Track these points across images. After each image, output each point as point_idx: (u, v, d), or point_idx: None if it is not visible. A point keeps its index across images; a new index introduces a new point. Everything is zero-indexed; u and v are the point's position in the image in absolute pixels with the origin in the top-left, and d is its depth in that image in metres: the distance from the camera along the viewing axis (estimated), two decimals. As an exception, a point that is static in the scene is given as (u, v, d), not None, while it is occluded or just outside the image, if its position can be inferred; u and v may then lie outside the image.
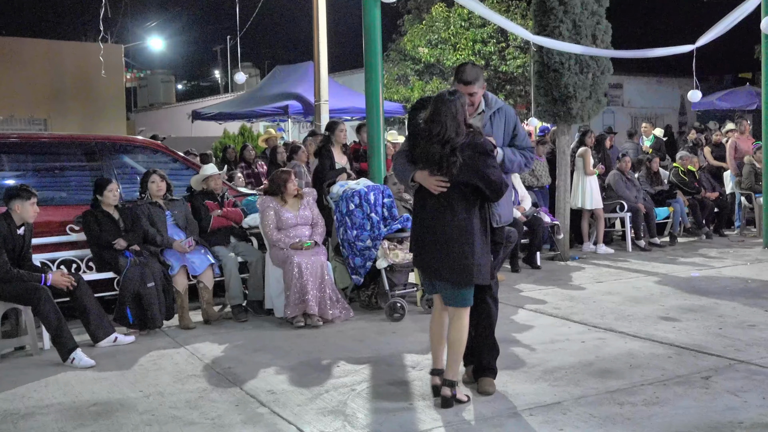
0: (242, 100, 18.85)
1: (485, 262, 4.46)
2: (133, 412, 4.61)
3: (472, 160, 4.34)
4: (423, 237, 4.55)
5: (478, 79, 4.71)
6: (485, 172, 4.34)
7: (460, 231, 4.39)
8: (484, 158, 4.38)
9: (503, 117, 4.82)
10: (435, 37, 22.46)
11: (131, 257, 6.62)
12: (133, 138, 9.78)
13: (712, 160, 13.44)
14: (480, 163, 4.35)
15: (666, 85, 30.75)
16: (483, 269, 4.44)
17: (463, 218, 4.39)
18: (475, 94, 4.70)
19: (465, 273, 4.39)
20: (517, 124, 4.88)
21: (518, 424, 4.22)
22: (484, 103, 4.83)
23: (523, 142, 4.87)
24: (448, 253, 4.41)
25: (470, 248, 4.38)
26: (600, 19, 9.90)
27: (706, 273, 8.78)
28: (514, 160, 4.76)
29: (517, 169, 4.88)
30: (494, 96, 4.94)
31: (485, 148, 4.40)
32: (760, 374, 4.93)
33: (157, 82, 41.22)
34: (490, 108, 4.83)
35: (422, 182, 4.45)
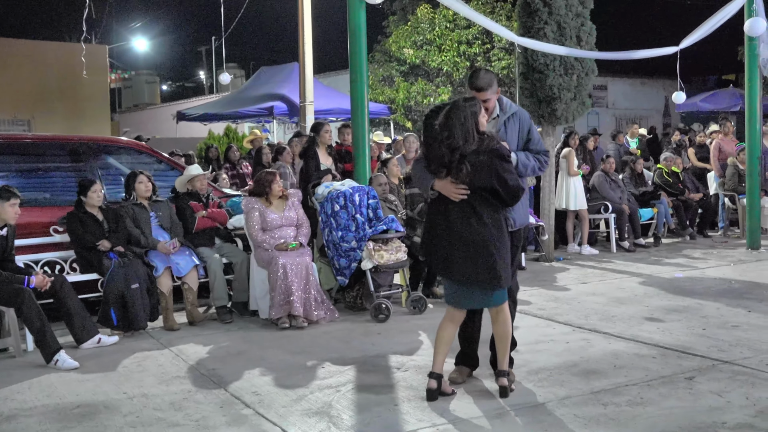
0: (227, 101, 18.78)
1: (509, 266, 4.58)
2: (117, 414, 4.58)
3: (489, 165, 4.39)
4: (450, 245, 4.52)
5: (491, 85, 4.73)
6: (503, 177, 4.39)
7: (488, 236, 4.45)
8: (502, 163, 4.42)
9: (517, 121, 4.85)
10: (420, 39, 22.46)
11: (115, 258, 6.58)
12: (117, 139, 9.72)
13: (696, 161, 13.53)
14: (498, 168, 4.39)
15: (650, 87, 30.92)
16: (509, 273, 4.56)
17: (490, 223, 4.46)
18: (488, 100, 4.72)
19: (496, 277, 4.45)
20: (531, 128, 4.89)
21: (504, 424, 4.22)
22: (498, 107, 4.85)
23: (537, 145, 4.88)
24: (478, 259, 4.44)
25: (497, 252, 4.45)
26: (584, 21, 9.95)
27: (690, 274, 8.83)
28: (527, 164, 4.79)
29: (530, 173, 4.88)
30: (509, 101, 4.95)
31: (502, 152, 4.44)
32: (744, 374, 4.96)
33: (141, 82, 41.07)
34: (505, 113, 4.85)
35: (442, 190, 4.49)
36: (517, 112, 4.87)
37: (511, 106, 4.89)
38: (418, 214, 7.65)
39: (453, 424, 4.23)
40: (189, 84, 48.77)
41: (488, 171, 4.38)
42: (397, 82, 22.74)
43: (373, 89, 22.30)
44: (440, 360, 4.66)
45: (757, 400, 4.46)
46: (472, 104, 4.48)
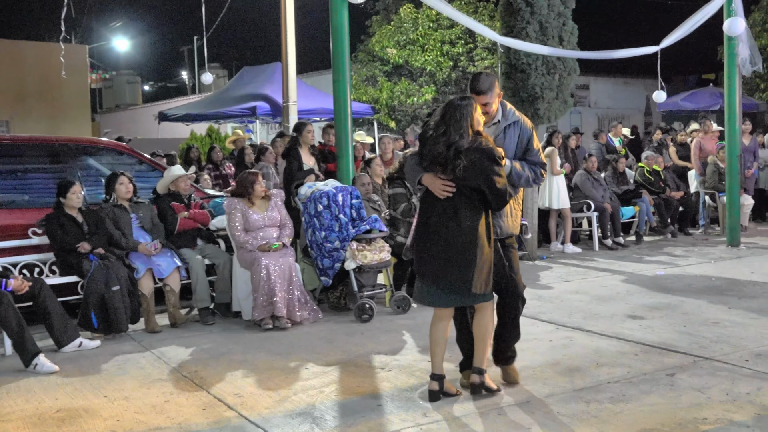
0: (210, 101, 18.70)
1: (488, 272, 4.46)
2: (98, 418, 4.54)
3: (479, 165, 4.35)
4: (426, 244, 4.52)
5: (492, 89, 4.68)
6: (492, 178, 4.35)
7: (464, 240, 4.38)
8: (491, 164, 4.37)
9: (518, 130, 4.79)
10: (403, 38, 22.47)
11: (95, 261, 6.53)
12: (97, 140, 9.64)
13: (677, 159, 13.61)
14: (487, 169, 4.35)
15: (632, 86, 31.13)
16: (484, 280, 4.43)
17: (467, 227, 4.39)
18: (489, 104, 4.68)
19: (465, 284, 4.39)
20: (531, 139, 4.82)
21: (486, 423, 4.23)
22: (501, 113, 4.80)
23: (534, 157, 4.81)
24: (450, 262, 4.40)
25: (472, 258, 4.37)
26: (566, 21, 10.00)
27: (672, 271, 8.88)
28: (521, 174, 4.71)
29: (524, 184, 4.79)
30: (512, 109, 4.89)
31: (492, 154, 4.39)
32: (724, 371, 5.00)
33: (122, 83, 40.80)
34: (506, 120, 4.79)
35: (429, 185, 4.47)
36: (518, 121, 4.81)
37: (513, 115, 4.82)
38: (402, 214, 7.65)
39: (436, 424, 4.23)
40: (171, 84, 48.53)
41: (478, 170, 4.35)
42: (380, 81, 22.74)
43: (357, 89, 22.27)
44: (438, 361, 4.61)
45: (737, 395, 4.49)
46: (468, 102, 4.46)
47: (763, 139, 14.61)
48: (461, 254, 4.39)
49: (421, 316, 6.97)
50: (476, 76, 4.77)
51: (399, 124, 22.45)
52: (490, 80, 4.73)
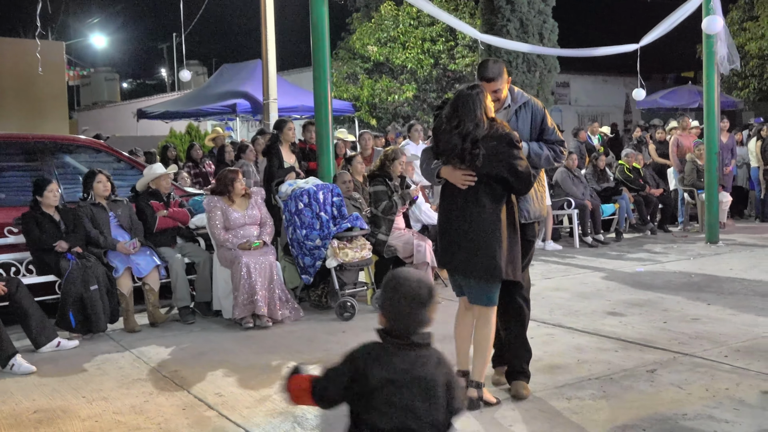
0: (189, 98, 18.58)
1: (513, 259, 4.39)
2: (76, 419, 4.49)
3: (498, 151, 4.27)
4: (450, 234, 4.45)
5: (501, 75, 4.61)
6: (512, 163, 4.26)
7: (487, 227, 4.31)
8: (510, 149, 4.28)
9: (530, 111, 4.72)
10: (384, 36, 22.46)
11: (73, 260, 6.45)
12: (75, 137, 9.54)
13: (656, 157, 13.70)
14: (506, 154, 4.27)
15: (612, 84, 31.30)
16: (511, 266, 4.37)
17: (491, 214, 4.32)
18: (499, 90, 4.62)
19: (491, 270, 4.30)
20: (544, 118, 4.74)
21: (467, 421, 4.22)
22: (510, 98, 4.73)
23: (551, 135, 4.74)
24: (475, 250, 4.32)
25: (497, 245, 4.30)
26: (546, 18, 10.06)
27: (651, 268, 8.94)
28: (540, 153, 4.65)
29: (545, 164, 4.71)
30: (520, 91, 4.84)
31: (511, 138, 4.30)
32: (704, 366, 5.03)
33: (100, 80, 40.40)
34: (516, 103, 4.72)
35: (448, 177, 4.40)
36: (528, 102, 4.73)
37: (522, 96, 4.77)
38: (383, 212, 7.63)
39: (418, 422, 4.21)
40: (150, 81, 48.16)
41: (497, 157, 4.26)
42: (361, 79, 22.71)
43: (338, 86, 22.23)
44: (462, 357, 4.53)
45: (717, 391, 4.52)
46: (478, 90, 4.35)
47: (741, 136, 14.75)
48: (487, 243, 4.30)
49: (402, 314, 6.96)
50: (484, 63, 4.69)
51: (380, 122, 22.44)
52: (498, 66, 4.67)
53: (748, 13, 22.81)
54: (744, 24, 22.71)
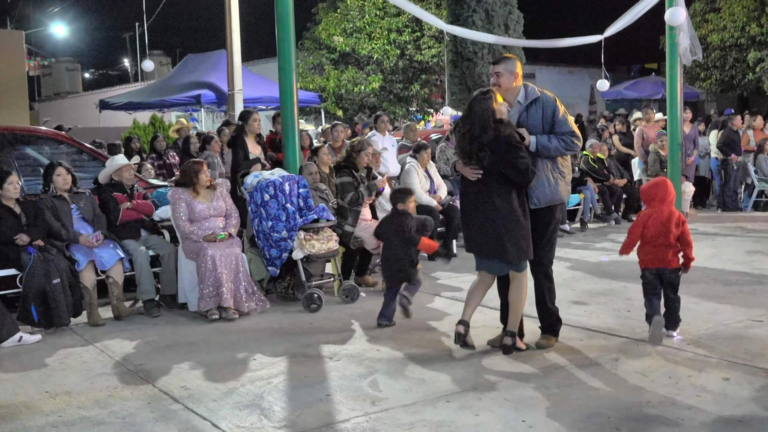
0: (153, 89, 18.35)
1: (523, 241, 5.03)
2: (39, 414, 4.42)
3: (501, 151, 4.91)
4: (468, 219, 5.22)
5: (503, 63, 5.25)
6: (513, 162, 4.91)
7: (497, 214, 5.00)
8: (511, 149, 4.91)
9: (540, 107, 5.22)
10: (350, 26, 22.40)
11: (35, 253, 6.34)
12: (35, 128, 9.37)
13: (620, 147, 13.85)
14: (507, 154, 4.91)
15: (577, 75, 31.58)
16: (520, 248, 5.03)
17: (500, 202, 5.00)
18: (499, 74, 5.22)
19: (502, 251, 5.02)
20: (555, 111, 5.21)
21: (435, 410, 4.24)
22: (523, 94, 5.27)
23: (561, 127, 5.18)
24: (487, 234, 5.05)
25: (506, 230, 4.99)
26: (512, 9, 10.11)
27: (615, 258, 9.01)
28: (549, 146, 5.14)
29: (556, 153, 5.17)
30: (534, 88, 5.31)
31: (512, 140, 4.94)
32: (667, 354, 5.11)
33: (62, 70, 39.68)
34: (528, 99, 5.24)
35: (462, 171, 5.14)
36: (539, 98, 5.23)
37: (534, 93, 5.25)
38: (349, 203, 7.61)
39: (385, 412, 4.23)
40: (113, 72, 47.38)
41: (499, 157, 4.92)
42: (327, 70, 22.63)
43: (304, 77, 22.13)
44: (468, 311, 5.28)
45: (679, 378, 4.60)
46: (487, 96, 5.00)
47: (704, 127, 14.98)
48: (496, 228, 5.00)
49: (369, 305, 6.96)
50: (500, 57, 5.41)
51: (346, 113, 22.38)
52: (507, 58, 5.33)
53: (711, 4, 23.15)
54: (706, 16, 23.04)
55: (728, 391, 4.37)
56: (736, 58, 22.46)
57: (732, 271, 7.87)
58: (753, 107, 22.71)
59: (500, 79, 5.24)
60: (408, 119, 21.78)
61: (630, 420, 4.00)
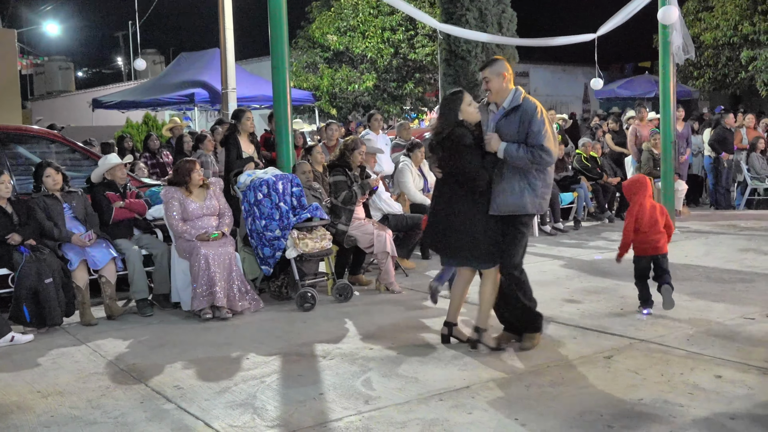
0: (146, 87, 18.30)
1: (481, 245, 5.03)
2: (31, 414, 4.41)
3: (452, 152, 4.95)
4: (431, 217, 5.30)
5: (490, 66, 5.09)
6: (459, 164, 4.94)
7: (454, 216, 5.03)
8: (461, 150, 4.92)
9: (518, 115, 5.04)
10: (344, 25, 22.38)
11: (27, 252, 6.32)
12: (28, 127, 9.33)
13: (613, 145, 13.88)
14: (455, 156, 4.94)
15: (570, 74, 31.64)
16: (478, 252, 5.05)
17: (456, 205, 5.02)
18: (486, 79, 5.08)
19: (458, 252, 5.09)
20: (532, 122, 4.98)
21: (428, 409, 4.24)
22: (510, 98, 5.11)
23: (533, 139, 4.96)
24: (446, 234, 5.10)
25: (462, 231, 5.01)
26: (505, 8, 10.11)
27: (609, 256, 9.04)
28: (515, 156, 4.96)
29: (523, 165, 4.99)
30: (521, 93, 5.14)
31: (462, 141, 4.91)
32: (659, 352, 5.12)
33: (54, 69, 39.57)
34: (510, 105, 5.09)
35: (431, 170, 5.44)
36: (520, 106, 5.05)
37: (517, 100, 5.08)
38: (342, 202, 7.61)
39: (378, 411, 4.23)
40: (106, 70, 47.28)
41: (450, 158, 4.98)
42: (321, 68, 22.60)
43: (297, 76, 22.11)
44: (451, 311, 5.36)
45: (672, 376, 4.61)
46: (455, 96, 5.03)
47: (697, 125, 15.02)
48: (452, 228, 5.04)
49: (362, 304, 6.96)
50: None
51: (340, 111, 22.37)
52: (493, 60, 5.21)
53: (703, 3, 23.21)
54: (699, 14, 23.10)
55: (720, 388, 4.38)
56: (728, 56, 22.53)
57: (725, 269, 7.89)
58: (745, 106, 22.80)
59: (490, 84, 5.11)
60: (402, 118, 21.79)
61: (622, 417, 4.01)
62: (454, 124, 4.99)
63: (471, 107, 5.06)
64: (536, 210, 5.18)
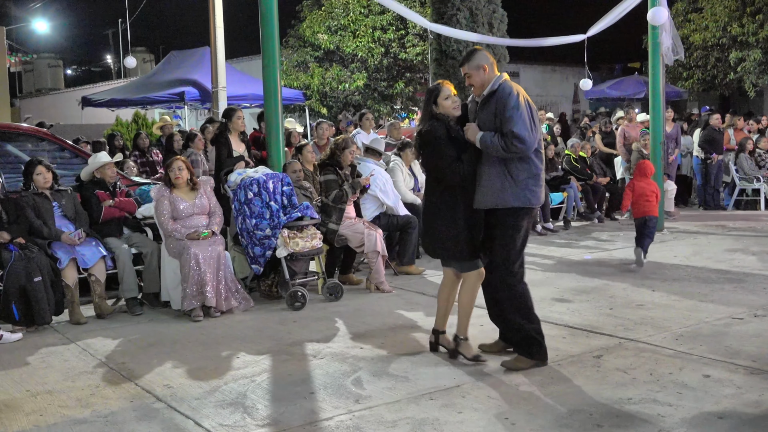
0: (136, 86, 18.22)
1: (460, 244, 4.88)
2: (20, 413, 4.39)
3: (426, 147, 4.93)
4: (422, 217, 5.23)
5: (469, 61, 4.90)
6: (426, 160, 5.01)
7: (430, 212, 5.01)
8: (433, 144, 4.86)
9: (493, 102, 4.78)
10: (334, 24, 22.33)
11: (15, 251, 6.29)
12: (16, 125, 9.28)
13: (602, 146, 13.92)
14: (429, 150, 4.90)
15: (560, 74, 31.71)
16: (446, 248, 4.95)
17: (431, 200, 5.00)
18: (468, 75, 4.91)
19: (434, 248, 5.06)
20: (505, 109, 4.69)
21: (419, 408, 4.25)
22: (488, 87, 4.85)
23: (504, 126, 4.67)
24: (426, 230, 5.11)
25: (436, 228, 4.95)
26: (496, 8, 10.12)
27: (598, 255, 9.10)
28: (490, 145, 4.71)
29: (496, 154, 4.72)
30: (498, 80, 4.84)
31: (434, 134, 4.86)
32: (648, 351, 5.15)
33: (43, 66, 39.37)
34: (487, 92, 4.84)
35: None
36: (495, 92, 4.79)
37: (493, 86, 4.81)
38: (333, 201, 7.60)
39: (369, 410, 4.23)
40: (95, 68, 47.06)
41: (423, 154, 5.02)
42: (311, 67, 22.56)
43: (288, 75, 22.05)
44: (438, 317, 5.22)
45: (661, 375, 4.63)
46: (432, 88, 4.99)
47: (686, 126, 15.08)
48: (429, 224, 5.02)
49: (353, 303, 6.97)
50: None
51: (330, 111, 22.34)
52: (471, 53, 4.98)
53: (693, 4, 23.31)
54: (688, 15, 23.20)
55: (709, 388, 4.40)
56: (717, 57, 22.64)
57: (713, 269, 7.94)
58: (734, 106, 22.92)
59: (471, 80, 4.89)
60: (392, 117, 21.78)
61: (611, 416, 4.03)
62: (429, 118, 4.92)
63: (448, 101, 4.88)
64: (522, 203, 4.80)
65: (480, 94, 4.91)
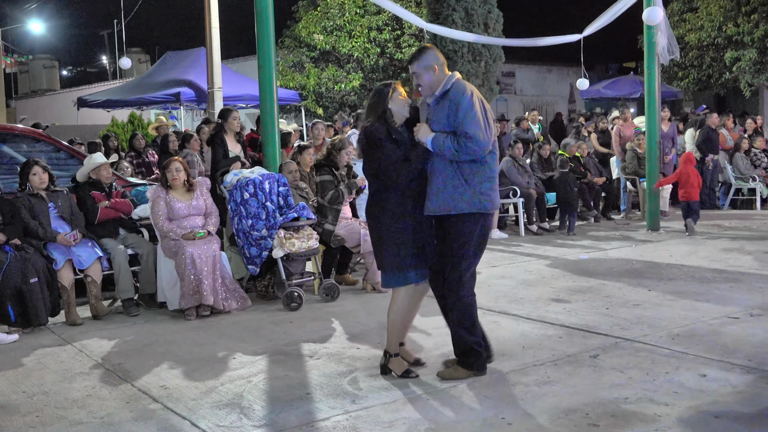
0: (131, 86, 18.19)
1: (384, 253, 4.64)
2: (16, 414, 4.38)
3: (368, 148, 4.64)
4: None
5: (417, 61, 4.64)
6: (365, 160, 4.71)
7: (371, 219, 4.74)
8: (370, 147, 4.62)
9: (447, 102, 4.57)
10: (330, 24, 22.33)
11: (11, 252, 6.28)
12: (12, 126, 9.26)
13: (597, 146, 13.94)
14: (371, 151, 4.63)
15: (556, 74, 31.72)
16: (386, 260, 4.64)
17: (372, 207, 4.72)
18: (416, 74, 4.65)
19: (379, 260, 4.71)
20: (458, 109, 4.49)
21: (415, 408, 4.25)
22: (441, 87, 4.62)
23: (459, 127, 4.47)
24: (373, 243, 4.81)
25: (377, 233, 4.69)
26: (492, 8, 10.13)
27: (594, 255, 9.11)
28: (442, 146, 4.48)
29: (450, 156, 4.48)
30: (451, 79, 4.63)
31: (370, 138, 4.60)
32: (644, 351, 5.15)
33: (39, 67, 39.31)
34: (440, 93, 4.62)
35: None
36: (448, 91, 4.58)
37: (446, 86, 4.59)
38: (329, 201, 7.60)
39: (365, 411, 4.23)
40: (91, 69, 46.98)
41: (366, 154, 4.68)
42: (307, 68, 22.56)
43: (284, 75, 22.05)
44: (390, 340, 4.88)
45: (657, 375, 4.64)
46: (378, 89, 4.75)
47: (682, 125, 15.10)
48: (372, 233, 4.78)
49: (349, 304, 6.97)
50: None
51: (326, 111, 22.34)
52: (420, 52, 4.70)
53: (688, 4, 23.33)
54: (684, 15, 23.22)
55: (705, 387, 4.41)
56: (713, 57, 22.67)
57: (708, 269, 7.95)
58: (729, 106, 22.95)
59: (420, 80, 4.64)
60: (388, 117, 21.74)
61: (608, 416, 4.03)
62: (375, 119, 4.62)
63: (400, 102, 4.65)
64: (476, 208, 4.55)
65: (429, 95, 4.67)
